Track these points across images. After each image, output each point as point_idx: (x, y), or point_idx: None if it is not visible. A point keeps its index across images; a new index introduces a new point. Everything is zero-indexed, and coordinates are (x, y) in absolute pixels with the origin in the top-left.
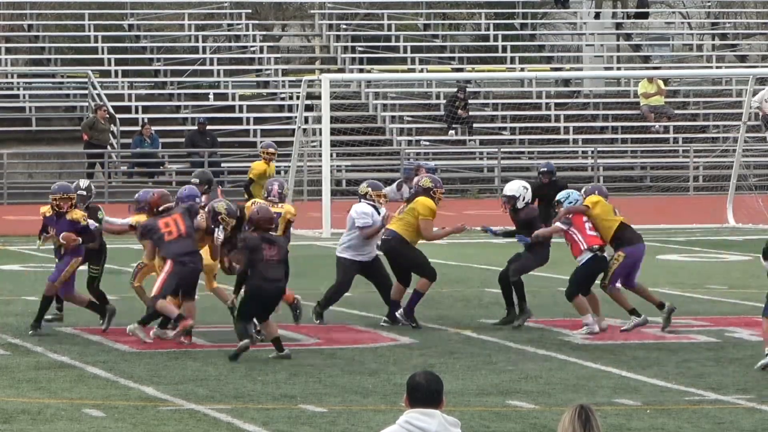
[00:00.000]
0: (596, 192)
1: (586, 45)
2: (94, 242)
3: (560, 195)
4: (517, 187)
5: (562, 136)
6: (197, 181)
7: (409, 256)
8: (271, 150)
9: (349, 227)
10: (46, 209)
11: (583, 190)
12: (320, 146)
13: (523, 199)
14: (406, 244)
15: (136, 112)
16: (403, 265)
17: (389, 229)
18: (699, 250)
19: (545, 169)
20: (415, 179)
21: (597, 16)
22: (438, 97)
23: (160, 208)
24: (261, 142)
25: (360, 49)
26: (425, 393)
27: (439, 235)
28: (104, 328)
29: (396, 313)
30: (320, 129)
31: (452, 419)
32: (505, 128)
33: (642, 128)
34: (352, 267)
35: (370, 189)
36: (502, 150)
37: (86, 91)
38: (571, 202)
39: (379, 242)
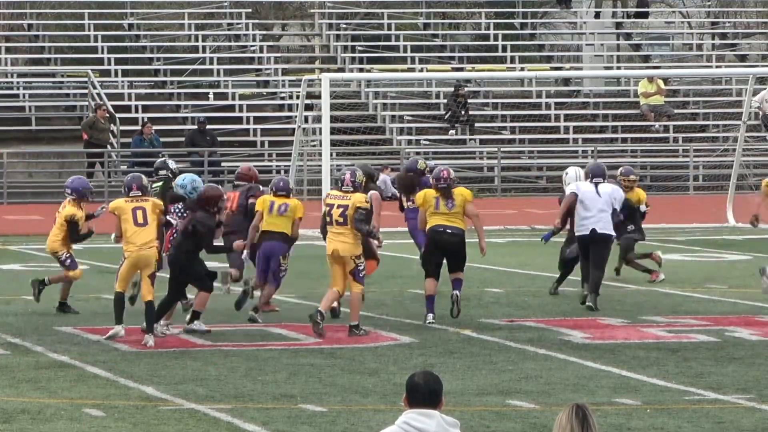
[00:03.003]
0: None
1: (586, 44)
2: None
3: None
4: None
5: (562, 136)
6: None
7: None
8: None
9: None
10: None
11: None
12: (320, 146)
13: None
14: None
15: (136, 111)
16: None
17: (454, 225)
18: (699, 250)
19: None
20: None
21: (597, 15)
22: (438, 97)
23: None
24: (261, 141)
25: (360, 48)
26: (424, 393)
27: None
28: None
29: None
30: (320, 128)
31: (451, 419)
32: (505, 128)
33: (642, 128)
34: None
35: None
36: (502, 150)
37: (86, 91)
38: None
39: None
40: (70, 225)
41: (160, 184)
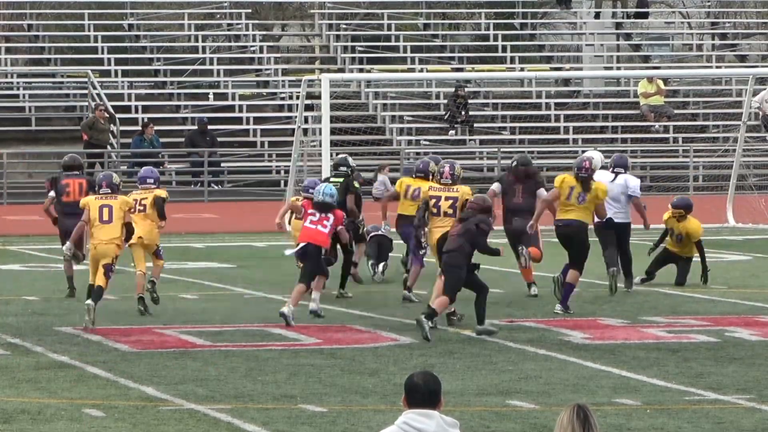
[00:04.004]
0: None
1: (586, 45)
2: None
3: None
4: None
5: (562, 136)
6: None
7: (587, 244)
8: None
9: None
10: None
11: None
12: (320, 146)
13: None
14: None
15: (136, 111)
16: (583, 249)
17: (575, 219)
18: None
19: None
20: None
21: (597, 15)
22: (438, 97)
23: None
24: (261, 141)
25: (360, 48)
26: (423, 393)
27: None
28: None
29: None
30: (320, 129)
31: (451, 420)
32: (505, 128)
33: (642, 128)
34: None
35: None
36: (502, 150)
37: (86, 91)
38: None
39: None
40: (158, 206)
41: (339, 180)
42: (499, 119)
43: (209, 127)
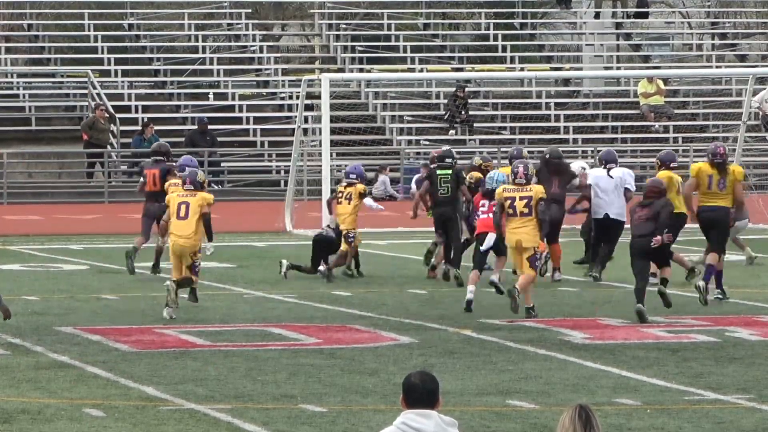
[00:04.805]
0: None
1: (586, 45)
2: None
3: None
4: None
5: (562, 136)
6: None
7: (729, 229)
8: None
9: None
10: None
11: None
12: (320, 146)
13: None
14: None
15: (136, 111)
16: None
17: (719, 205)
18: (699, 250)
19: None
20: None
21: (597, 15)
22: (438, 97)
23: None
24: (261, 141)
25: (360, 48)
26: (421, 393)
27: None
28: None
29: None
30: (320, 129)
31: (449, 419)
32: (505, 128)
33: (642, 128)
34: None
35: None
36: (502, 150)
37: (86, 91)
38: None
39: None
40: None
41: (448, 171)
42: (499, 119)
43: (209, 127)
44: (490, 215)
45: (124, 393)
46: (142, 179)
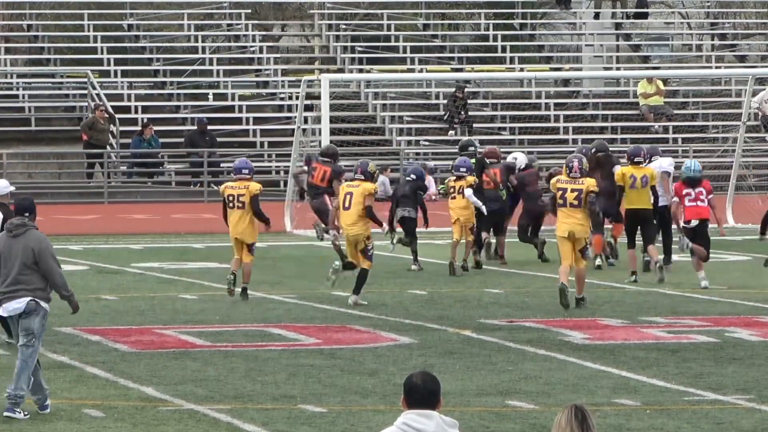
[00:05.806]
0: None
1: (586, 45)
2: None
3: None
4: None
5: (561, 136)
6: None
7: None
8: None
9: None
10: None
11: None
12: (320, 146)
13: None
14: None
15: (136, 112)
16: None
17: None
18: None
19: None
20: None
21: (596, 16)
22: (438, 97)
23: None
24: (261, 141)
25: (360, 49)
26: (422, 394)
27: None
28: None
29: None
30: (320, 129)
31: (450, 420)
32: (504, 128)
33: (641, 128)
34: None
35: None
36: (501, 150)
37: (86, 91)
38: None
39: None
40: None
41: (473, 160)
42: (498, 119)
43: (209, 127)
44: (698, 203)
45: (124, 393)
46: (306, 167)
